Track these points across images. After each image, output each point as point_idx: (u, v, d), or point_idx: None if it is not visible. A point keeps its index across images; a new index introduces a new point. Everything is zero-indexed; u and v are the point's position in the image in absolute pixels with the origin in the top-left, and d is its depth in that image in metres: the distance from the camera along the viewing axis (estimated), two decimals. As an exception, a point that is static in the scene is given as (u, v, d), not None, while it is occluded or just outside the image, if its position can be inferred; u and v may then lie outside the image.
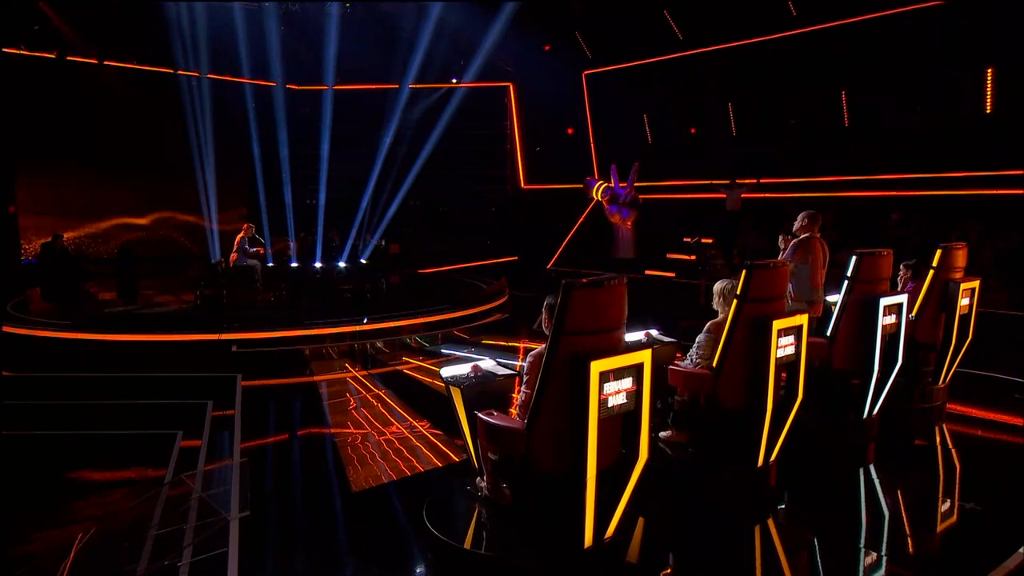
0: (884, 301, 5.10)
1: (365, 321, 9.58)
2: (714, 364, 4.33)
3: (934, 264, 6.16)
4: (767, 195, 15.27)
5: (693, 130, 17.45)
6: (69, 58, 15.87)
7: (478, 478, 3.87)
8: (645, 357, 3.29)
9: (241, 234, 11.40)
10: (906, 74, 13.21)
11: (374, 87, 18.41)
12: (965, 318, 6.29)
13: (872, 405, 5.35)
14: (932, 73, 12.90)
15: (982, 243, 11.76)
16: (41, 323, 8.84)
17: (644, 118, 17.98)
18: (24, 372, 7.78)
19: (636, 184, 16.56)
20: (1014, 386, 7.11)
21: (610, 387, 3.17)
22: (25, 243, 15.49)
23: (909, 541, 4.24)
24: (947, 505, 4.70)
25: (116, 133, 15.83)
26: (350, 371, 7.93)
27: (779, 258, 5.87)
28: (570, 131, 19.37)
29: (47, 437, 5.79)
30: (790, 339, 4.28)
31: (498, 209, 19.83)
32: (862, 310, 5.16)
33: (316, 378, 7.57)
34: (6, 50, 14.88)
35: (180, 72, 16.70)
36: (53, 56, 15.69)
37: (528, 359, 3.51)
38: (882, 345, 5.21)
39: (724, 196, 15.38)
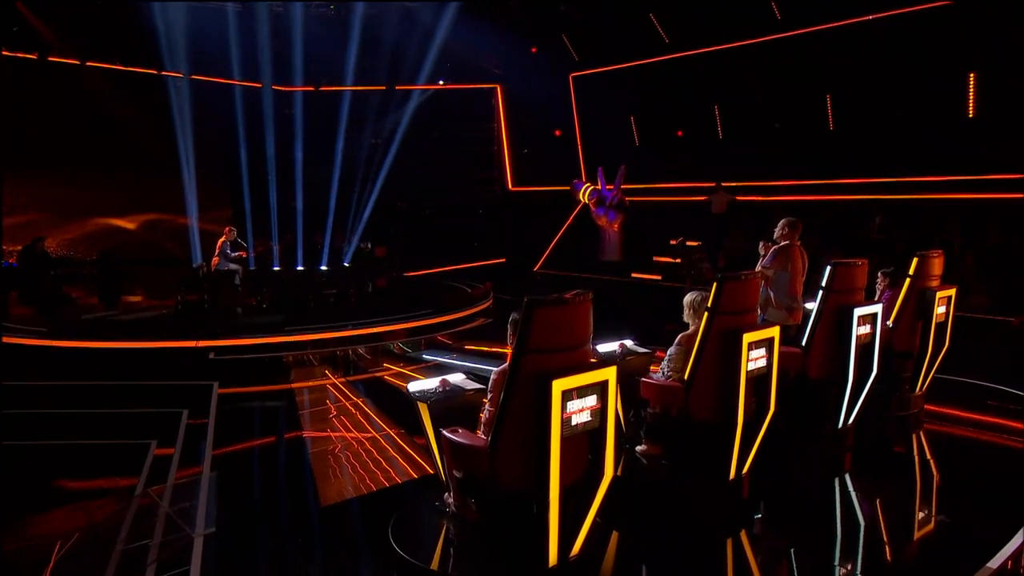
0: (858, 311, 5.11)
1: (349, 327, 9.54)
2: (685, 377, 4.32)
3: (910, 272, 6.18)
4: (753, 198, 15.30)
5: (680, 133, 17.44)
6: (51, 59, 15.75)
7: (446, 493, 3.84)
8: (609, 374, 3.27)
9: (223, 238, 11.30)
10: (890, 78, 13.25)
11: (359, 88, 18.30)
12: (942, 326, 6.32)
13: (848, 414, 5.35)
14: (916, 77, 12.94)
15: (965, 247, 11.81)
16: (17, 330, 8.73)
17: (631, 120, 17.97)
18: (-1, 380, 7.69)
19: (623, 187, 16.56)
20: (990, 392, 7.13)
21: (573, 405, 3.14)
22: (7, 245, 15.31)
23: (885, 550, 4.24)
24: (923, 514, 4.70)
25: (100, 135, 15.63)
26: (330, 378, 7.88)
27: (759, 264, 5.88)
28: (558, 133, 19.34)
29: (19, 447, 5.71)
30: (761, 351, 4.26)
31: (485, 211, 19.77)
32: (837, 320, 5.16)
33: (294, 385, 7.51)
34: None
35: (164, 72, 16.58)
36: (35, 57, 15.55)
37: (492, 376, 3.48)
38: (857, 355, 5.21)
39: (707, 199, 15.41)
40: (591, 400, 3.22)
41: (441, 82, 18.65)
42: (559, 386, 3.04)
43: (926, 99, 12.92)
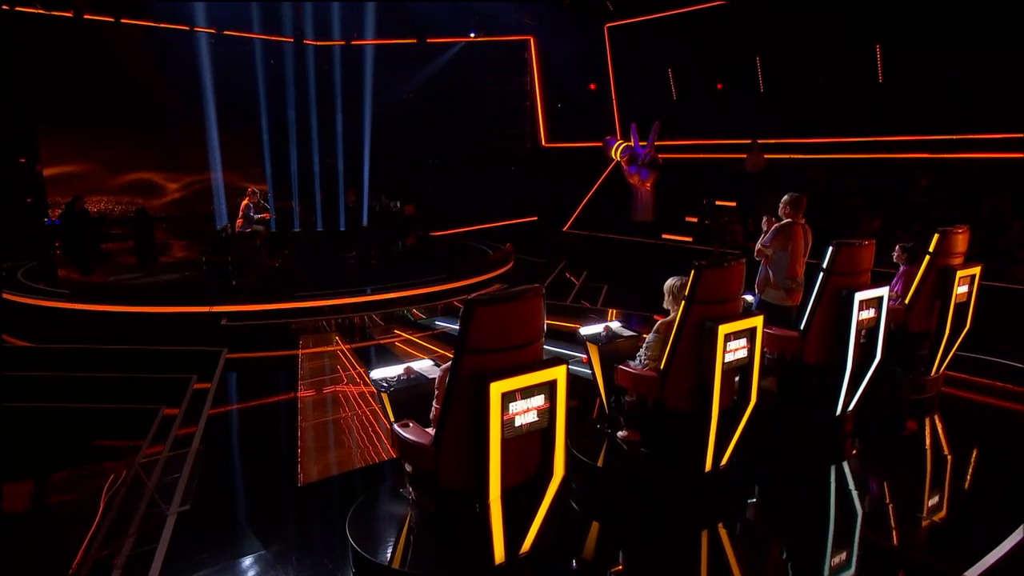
0: (860, 295, 4.84)
1: (369, 292, 9.58)
2: (661, 366, 4.18)
3: (930, 249, 5.84)
4: (791, 156, 14.66)
5: (720, 86, 16.72)
6: (87, 16, 15.92)
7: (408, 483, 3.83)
8: (558, 374, 3.17)
9: (246, 200, 11.43)
10: (948, 27, 12.31)
11: (389, 42, 18.03)
12: (963, 306, 5.97)
13: (847, 401, 5.13)
14: (976, 26, 11.99)
15: (1014, 213, 11.12)
16: (44, 292, 9.04)
17: (669, 73, 17.30)
18: (17, 341, 8.02)
19: (656, 144, 16.04)
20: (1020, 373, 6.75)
21: (517, 406, 3.06)
22: (52, 201, 15.78)
23: (868, 543, 4.09)
24: (915, 507, 4.51)
25: (137, 93, 15.81)
26: (339, 345, 7.96)
27: (760, 241, 5.62)
28: (592, 87, 18.78)
29: (31, 410, 5.96)
30: (741, 342, 4.08)
31: (517, 168, 19.46)
32: (836, 304, 4.90)
33: (301, 351, 7.61)
34: (23, 9, 15.01)
35: (197, 29, 16.63)
36: (70, 15, 15.74)
37: (439, 372, 3.42)
38: (858, 340, 4.97)
39: (744, 156, 14.83)
40: (538, 400, 3.13)
41: (472, 35, 18.23)
42: (498, 388, 2.96)
43: (987, 50, 12.00)
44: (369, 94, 17.08)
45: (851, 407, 5.18)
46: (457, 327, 3.09)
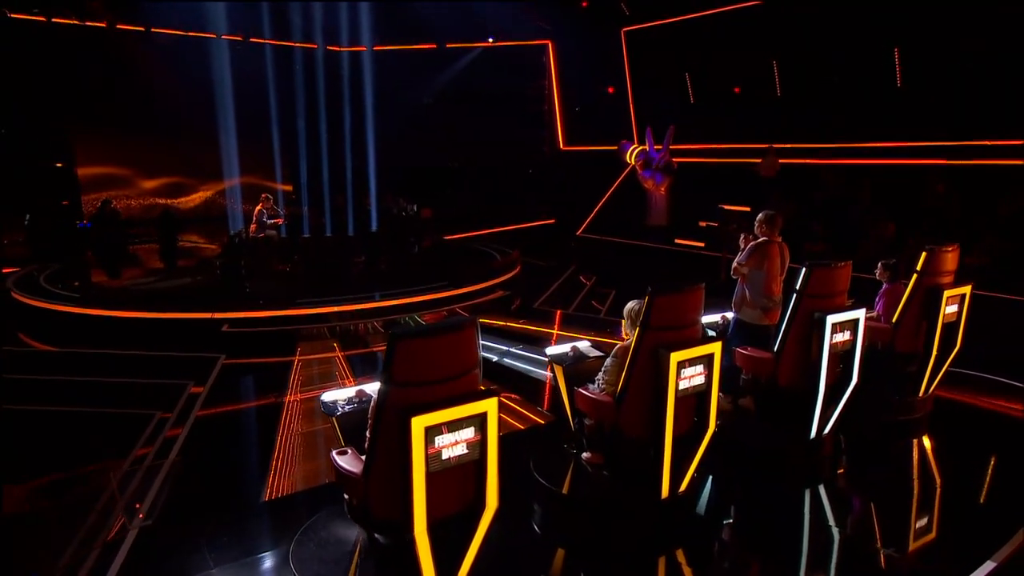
0: (832, 319, 4.66)
1: (378, 298, 9.60)
2: (617, 391, 4.08)
3: (917, 268, 5.60)
4: (804, 161, 14.29)
5: (737, 89, 16.37)
6: (120, 27, 16.25)
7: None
8: (488, 407, 3.10)
9: (259, 206, 11.55)
10: (969, 30, 11.85)
11: (410, 48, 18.07)
12: (952, 326, 5.72)
13: (823, 424, 4.96)
14: (999, 30, 11.51)
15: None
16: (59, 296, 9.26)
17: (686, 77, 17.00)
18: (38, 344, 8.23)
19: (672, 148, 15.79)
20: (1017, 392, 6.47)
21: (444, 439, 3.00)
22: (85, 204, 16.16)
23: (849, 566, 3.95)
24: (886, 537, 4.34)
25: (164, 99, 16.08)
26: (337, 352, 7.98)
27: (736, 259, 5.46)
28: (611, 90, 18.55)
29: (31, 413, 6.09)
30: (697, 369, 3.95)
31: (535, 171, 19.35)
32: (810, 327, 4.73)
33: (297, 358, 7.64)
34: (59, 21, 15.39)
35: (224, 37, 16.87)
36: (103, 26, 16.08)
37: (372, 401, 3.37)
38: (831, 363, 4.80)
39: (759, 161, 14.52)
40: (467, 433, 3.06)
41: (491, 39, 18.15)
42: (421, 422, 2.90)
43: (1006, 55, 11.51)
44: (374, 101, 17.15)
45: (827, 430, 5.00)
46: None
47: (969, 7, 11.57)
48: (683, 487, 4.15)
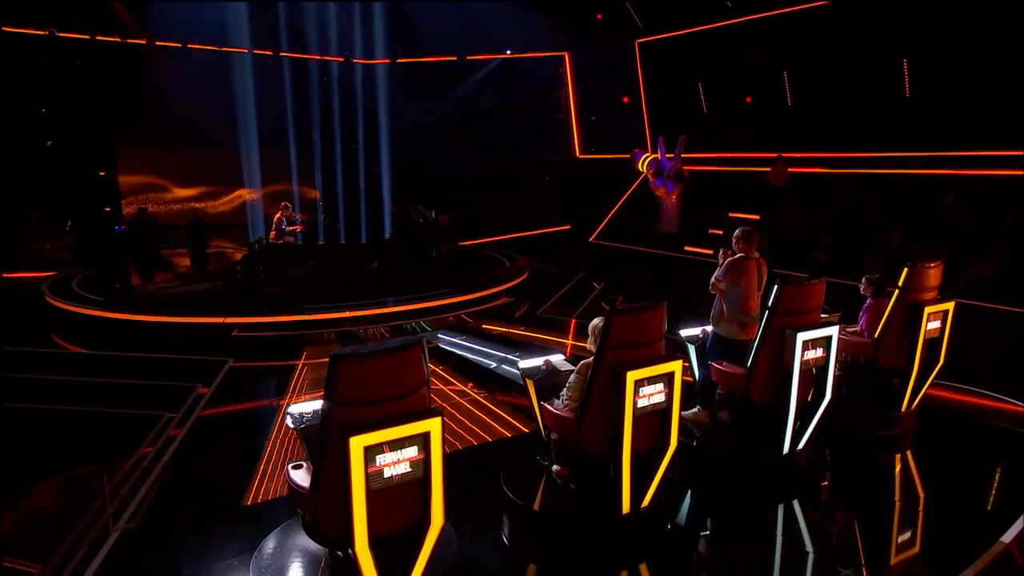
0: (803, 336, 4.51)
1: (391, 303, 9.61)
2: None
3: (899, 283, 5.40)
4: (813, 170, 13.95)
5: (749, 99, 16.07)
6: (158, 43, 16.60)
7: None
8: (431, 426, 3.05)
9: (279, 214, 11.68)
10: (976, 41, 11.44)
11: (432, 60, 18.14)
12: (935, 342, 5.51)
13: (796, 440, 4.80)
14: (1007, 40, 11.09)
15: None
16: (87, 300, 9.47)
17: (699, 87, 16.74)
18: (70, 346, 8.42)
19: (683, 156, 15.57)
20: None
21: (385, 458, 2.96)
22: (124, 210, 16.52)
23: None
24: (873, 546, 4.19)
25: (198, 112, 16.37)
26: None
27: (715, 275, 5.32)
28: (626, 100, 18.36)
29: (51, 412, 6.22)
30: (657, 387, 3.85)
31: (552, 179, 19.25)
32: (781, 344, 4.59)
33: (300, 362, 7.68)
34: (103, 38, 15.78)
35: (257, 52, 17.13)
36: (143, 43, 16.45)
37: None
38: (805, 379, 4.64)
39: (769, 170, 14.22)
40: (410, 451, 3.03)
41: (509, 51, 18.12)
42: (359, 442, 2.87)
43: (1016, 66, 11.09)
44: (397, 111, 17.26)
45: (801, 445, 4.85)
46: (458, 340, 3.01)
47: (977, 18, 11.17)
48: (645, 502, 4.05)
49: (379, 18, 17.40)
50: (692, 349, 5.46)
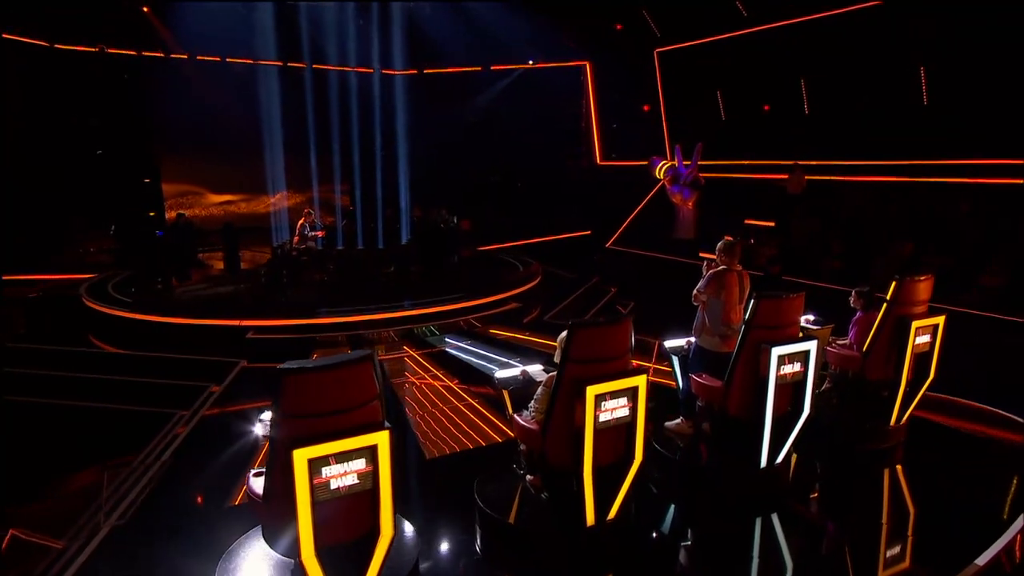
0: (778, 351, 4.35)
1: (407, 305, 9.64)
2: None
3: (887, 297, 5.18)
4: (830, 178, 13.56)
5: (767, 107, 15.70)
6: (199, 58, 17.00)
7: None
8: (379, 439, 3.01)
9: (302, 220, 11.82)
10: (995, 47, 10.96)
11: (458, 70, 18.20)
12: (925, 356, 5.27)
13: (774, 454, 4.64)
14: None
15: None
16: (118, 302, 9.71)
17: (718, 95, 16.43)
18: (105, 345, 8.65)
19: (700, 163, 15.28)
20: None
21: (332, 470, 2.94)
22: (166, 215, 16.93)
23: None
24: (853, 560, 4.03)
25: (235, 121, 16.66)
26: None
27: (697, 286, 5.17)
28: (646, 108, 18.13)
29: (70, 408, 6.39)
30: (621, 401, 3.75)
31: (573, 185, 19.11)
32: (757, 358, 4.43)
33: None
34: (148, 54, 16.24)
35: (290, 64, 17.42)
36: (185, 57, 16.85)
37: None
38: (781, 394, 4.48)
39: (787, 177, 13.87)
40: (358, 464, 2.99)
41: (531, 62, 18.06)
42: (303, 454, 2.85)
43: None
44: (424, 120, 17.34)
45: (779, 459, 4.68)
46: (462, 344, 3.01)
47: (995, 26, 10.69)
48: (612, 514, 3.95)
49: (398, 31, 17.54)
50: (676, 360, 5.32)
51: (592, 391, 3.61)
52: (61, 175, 14.71)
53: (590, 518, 3.87)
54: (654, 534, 4.35)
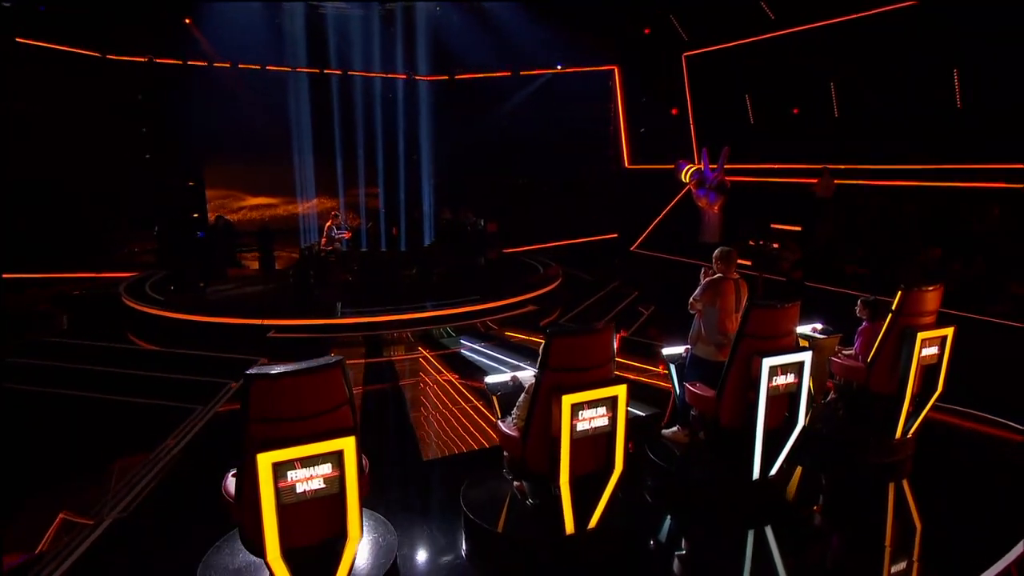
0: (769, 361, 4.19)
1: (429, 306, 9.68)
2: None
3: (892, 307, 4.95)
4: (860, 182, 13.09)
5: (796, 110, 15.26)
6: (241, 66, 17.42)
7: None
8: (345, 444, 3.00)
9: (329, 222, 11.98)
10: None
11: (488, 75, 18.21)
12: (932, 368, 5.02)
13: (767, 466, 4.48)
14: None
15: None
16: (153, 301, 9.99)
17: (746, 99, 16.04)
18: (142, 343, 8.92)
19: (727, 167, 14.93)
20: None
21: (297, 474, 2.94)
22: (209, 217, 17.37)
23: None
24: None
25: (271, 126, 17.00)
26: (361, 359, 8.10)
27: (693, 294, 5.03)
28: (675, 111, 17.82)
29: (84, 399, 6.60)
30: (600, 411, 3.67)
31: (601, 188, 18.92)
32: (748, 369, 4.29)
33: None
34: (194, 63, 16.72)
35: (326, 71, 17.71)
36: (228, 65, 17.28)
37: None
38: (773, 405, 4.32)
39: (815, 181, 13.46)
40: (324, 468, 2.99)
41: (560, 66, 17.95)
42: (267, 459, 2.86)
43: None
44: (453, 124, 17.38)
45: (773, 472, 4.51)
46: (476, 346, 3.01)
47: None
48: (592, 523, 3.87)
49: (427, 38, 17.65)
50: (673, 368, 5.19)
51: (568, 400, 3.54)
52: (113, 179, 15.24)
53: (569, 527, 3.80)
54: (638, 543, 4.23)
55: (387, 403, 6.76)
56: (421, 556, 3.95)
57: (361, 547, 3.67)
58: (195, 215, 17.19)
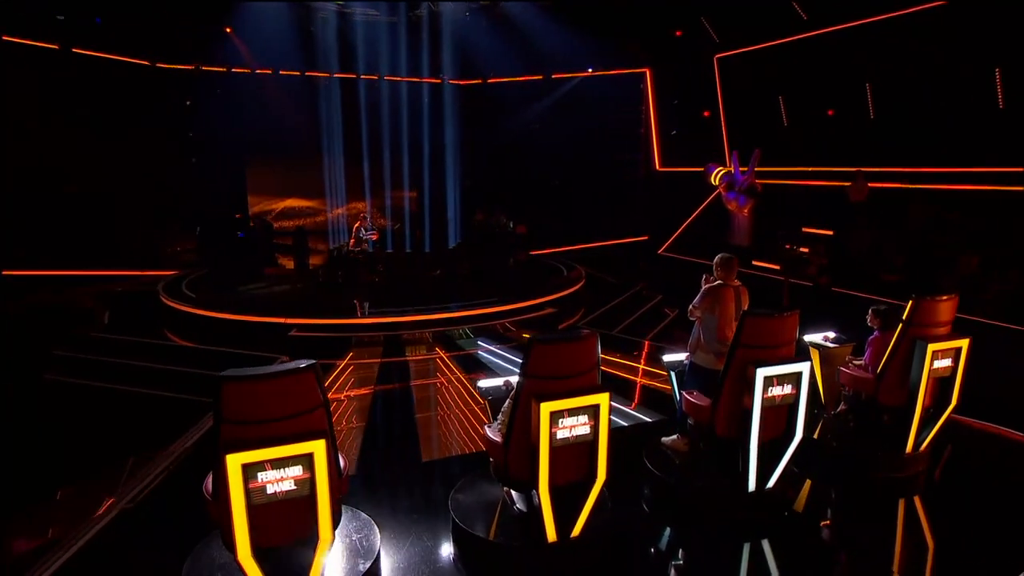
0: (765, 371, 4.03)
1: (454, 307, 9.70)
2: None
3: (903, 317, 4.71)
4: (894, 185, 12.55)
5: (831, 112, 14.73)
6: (282, 72, 17.79)
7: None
8: (315, 447, 3.00)
9: (358, 223, 12.12)
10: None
11: (520, 79, 18.18)
12: (946, 381, 4.75)
13: (764, 477, 4.31)
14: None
15: None
16: (186, 298, 10.28)
17: (780, 100, 15.56)
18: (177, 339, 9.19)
19: (759, 169, 14.54)
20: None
21: (268, 475, 2.95)
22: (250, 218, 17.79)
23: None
24: None
25: (308, 130, 17.31)
26: (377, 359, 8.15)
27: (692, 302, 4.88)
28: (707, 114, 17.44)
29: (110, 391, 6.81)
30: (581, 419, 3.58)
31: (632, 191, 18.68)
32: (743, 379, 4.13)
33: (341, 362, 7.89)
34: (238, 70, 17.15)
35: (362, 76, 17.96)
36: (269, 72, 17.68)
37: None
38: (770, 416, 4.16)
39: (849, 185, 12.97)
40: (294, 470, 2.99)
41: (591, 69, 17.79)
42: (236, 460, 2.87)
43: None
44: (486, 127, 17.39)
45: (771, 484, 4.34)
46: (493, 347, 3.03)
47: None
48: (576, 532, 3.78)
49: (453, 43, 17.72)
50: (673, 376, 5.05)
51: (547, 407, 3.46)
52: (162, 182, 15.76)
53: (551, 535, 3.72)
54: (623, 553, 4.12)
55: (395, 403, 6.78)
56: (403, 558, 3.92)
57: (342, 547, 3.68)
58: (238, 216, 17.67)
